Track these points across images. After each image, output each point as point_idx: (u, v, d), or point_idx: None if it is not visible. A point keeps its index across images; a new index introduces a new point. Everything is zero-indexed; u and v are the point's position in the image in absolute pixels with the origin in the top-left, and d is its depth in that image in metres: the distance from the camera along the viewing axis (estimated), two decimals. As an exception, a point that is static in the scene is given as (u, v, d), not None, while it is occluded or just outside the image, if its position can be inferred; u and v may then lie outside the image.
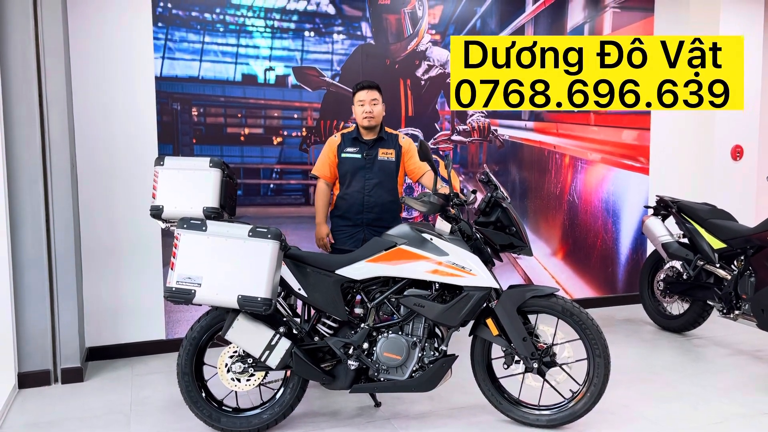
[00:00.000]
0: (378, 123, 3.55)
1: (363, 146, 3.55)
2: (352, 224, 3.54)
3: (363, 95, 3.50)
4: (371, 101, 3.49)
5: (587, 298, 5.23)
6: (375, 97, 3.50)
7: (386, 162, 3.55)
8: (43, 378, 3.55)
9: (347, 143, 3.57)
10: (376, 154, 3.54)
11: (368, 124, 3.50)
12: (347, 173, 3.55)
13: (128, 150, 4.00)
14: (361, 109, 3.50)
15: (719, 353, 4.06)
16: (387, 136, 3.61)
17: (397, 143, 3.60)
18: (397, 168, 3.59)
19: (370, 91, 3.50)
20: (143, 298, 4.08)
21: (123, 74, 3.96)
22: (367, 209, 3.52)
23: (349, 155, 3.55)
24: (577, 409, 2.86)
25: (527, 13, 4.93)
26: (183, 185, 2.83)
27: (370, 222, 3.52)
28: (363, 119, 3.50)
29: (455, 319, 2.78)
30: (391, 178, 3.57)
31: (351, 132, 3.61)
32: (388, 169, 3.56)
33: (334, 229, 3.63)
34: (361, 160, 3.53)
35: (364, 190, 3.52)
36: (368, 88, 3.51)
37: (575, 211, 5.18)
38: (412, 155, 3.61)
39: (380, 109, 3.54)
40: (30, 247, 3.49)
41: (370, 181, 3.52)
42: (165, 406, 3.23)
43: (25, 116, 3.45)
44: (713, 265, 4.08)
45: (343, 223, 3.57)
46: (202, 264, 2.64)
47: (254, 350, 2.78)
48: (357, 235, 3.53)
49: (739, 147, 5.41)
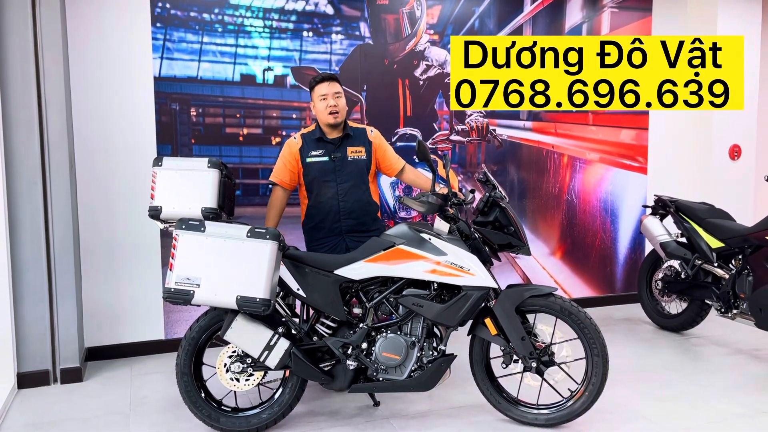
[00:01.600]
0: (343, 119, 3.22)
1: (329, 146, 3.22)
2: (330, 234, 3.26)
3: (324, 88, 3.16)
4: (334, 94, 3.15)
5: (586, 298, 5.24)
6: (338, 90, 3.17)
7: (357, 161, 3.24)
8: (43, 378, 3.55)
9: (310, 146, 3.22)
10: (344, 154, 3.22)
11: (334, 120, 3.16)
12: (314, 180, 3.22)
13: (127, 150, 4.00)
14: (324, 104, 3.15)
15: (717, 352, 4.07)
16: (354, 132, 3.28)
17: (366, 138, 3.29)
18: (369, 166, 3.28)
19: (331, 84, 3.16)
20: (142, 299, 4.09)
21: (121, 75, 3.97)
22: (344, 216, 3.24)
23: (315, 159, 3.21)
24: (575, 408, 2.86)
25: (525, 13, 4.93)
26: (181, 186, 2.82)
27: (350, 229, 3.25)
28: (328, 115, 3.15)
29: (454, 319, 2.78)
30: (363, 178, 3.27)
31: (312, 132, 3.27)
32: (360, 169, 3.25)
33: (310, 243, 3.34)
34: (329, 163, 3.21)
35: (338, 196, 3.22)
36: (329, 80, 3.16)
37: (574, 210, 5.19)
38: (384, 150, 3.34)
39: (344, 103, 3.20)
40: (29, 248, 3.50)
41: (343, 185, 3.22)
42: (164, 406, 3.24)
43: (23, 117, 3.45)
44: (711, 265, 4.09)
45: (320, 236, 3.28)
46: (201, 265, 2.64)
47: (253, 350, 2.78)
48: (339, 245, 3.26)
49: (737, 147, 5.42)
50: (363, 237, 3.19)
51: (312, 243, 3.35)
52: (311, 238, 3.35)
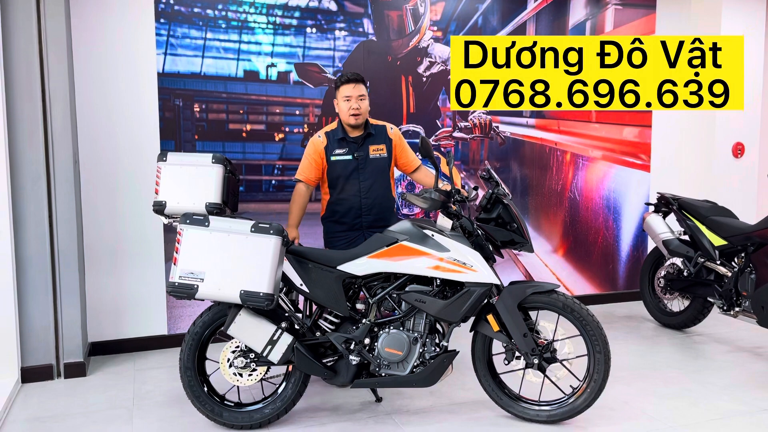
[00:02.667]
0: (365, 120, 3.31)
1: (352, 145, 3.32)
2: (351, 229, 3.36)
3: (349, 90, 3.23)
4: (358, 97, 3.23)
5: (588, 295, 5.24)
6: (362, 93, 3.25)
7: (379, 159, 3.35)
8: (46, 373, 3.57)
9: (334, 144, 3.31)
10: (367, 152, 3.32)
11: (355, 122, 3.25)
12: (339, 177, 3.32)
13: (130, 146, 4.01)
14: (347, 105, 3.24)
15: (719, 350, 4.07)
16: (375, 130, 3.37)
17: (387, 136, 3.39)
18: (389, 163, 3.40)
19: (357, 86, 3.24)
20: (145, 294, 4.10)
21: (125, 70, 3.97)
22: (365, 212, 3.35)
23: (340, 158, 3.30)
24: (577, 404, 2.87)
25: (529, 10, 4.93)
26: (185, 181, 2.83)
27: (370, 224, 3.35)
28: (349, 117, 3.24)
29: (456, 315, 2.79)
30: (385, 175, 3.38)
31: (335, 131, 3.35)
32: (382, 167, 3.36)
33: (329, 235, 3.43)
34: (352, 161, 3.30)
35: (360, 193, 3.32)
36: (354, 82, 3.24)
37: (576, 208, 5.19)
38: (403, 147, 3.44)
39: (367, 105, 3.28)
40: (33, 243, 3.51)
41: (365, 182, 3.32)
42: (167, 401, 3.25)
43: (28, 112, 3.46)
44: (714, 262, 4.09)
45: (339, 229, 3.38)
46: (205, 259, 2.65)
47: (256, 345, 2.79)
48: (357, 240, 3.33)
49: (741, 144, 5.41)
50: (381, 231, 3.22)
51: (331, 236, 3.42)
52: (331, 231, 3.42)
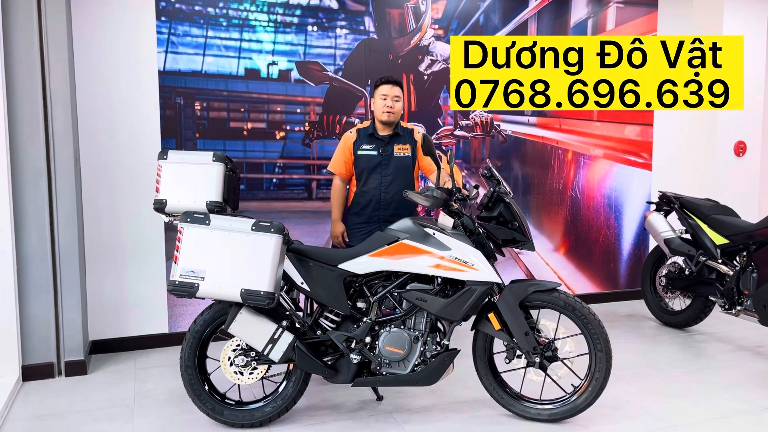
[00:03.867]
0: (396, 119, 3.52)
1: (379, 143, 3.52)
2: (368, 221, 3.53)
3: (386, 89, 3.46)
4: (394, 97, 3.45)
5: (589, 294, 5.24)
6: (397, 94, 3.47)
7: (402, 158, 3.53)
8: (47, 371, 3.57)
9: (363, 140, 3.54)
10: (392, 150, 3.52)
11: (387, 119, 3.46)
12: (364, 170, 3.53)
13: (131, 144, 4.01)
14: (383, 103, 3.46)
15: (721, 349, 4.07)
16: (403, 132, 3.58)
17: (413, 138, 3.58)
18: (413, 163, 3.57)
19: (394, 87, 3.47)
20: (146, 292, 4.10)
21: (126, 68, 3.97)
22: (384, 206, 3.51)
23: (365, 152, 3.52)
24: (578, 403, 2.86)
25: (530, 8, 4.92)
26: (186, 179, 2.83)
27: (387, 218, 3.47)
28: (382, 113, 3.46)
29: (457, 314, 2.79)
30: (407, 174, 3.55)
31: (367, 128, 3.58)
32: (404, 165, 3.54)
33: (349, 227, 3.61)
34: (377, 156, 3.51)
35: (381, 186, 3.50)
36: (392, 83, 3.47)
37: (578, 206, 5.18)
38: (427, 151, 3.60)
39: (400, 107, 3.50)
40: (34, 241, 3.51)
41: (387, 177, 3.51)
42: (168, 399, 3.25)
43: (29, 111, 3.46)
44: (715, 261, 4.08)
45: (358, 221, 3.56)
46: (206, 258, 2.65)
47: (257, 344, 2.79)
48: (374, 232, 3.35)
49: (742, 143, 5.40)
50: None
51: (351, 228, 3.60)
52: (352, 223, 3.60)
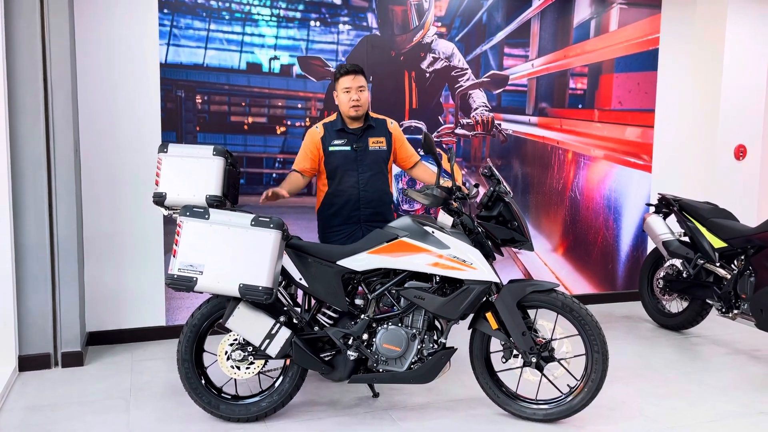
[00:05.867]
0: (365, 112, 3.28)
1: (351, 137, 3.29)
2: (348, 222, 3.32)
3: (348, 81, 3.20)
4: (358, 88, 3.20)
5: (587, 295, 5.24)
6: (362, 84, 3.22)
7: (378, 152, 3.32)
8: (44, 361, 3.57)
9: (332, 135, 3.29)
10: (366, 144, 3.30)
11: (355, 113, 3.23)
12: (337, 168, 3.28)
13: (132, 136, 4.00)
14: (347, 96, 3.21)
15: (717, 352, 4.07)
16: (375, 123, 3.34)
17: (387, 130, 3.37)
18: (389, 157, 3.37)
19: (356, 77, 3.21)
20: (144, 284, 4.10)
21: (128, 60, 3.96)
22: (364, 205, 3.31)
23: (338, 148, 3.27)
24: (574, 404, 2.87)
25: (534, 7, 4.91)
26: (186, 173, 2.82)
27: (368, 218, 3.33)
28: (349, 108, 3.22)
29: (455, 312, 2.79)
30: (383, 169, 3.35)
31: (334, 122, 3.33)
32: (381, 160, 3.33)
33: (325, 229, 3.39)
34: (351, 152, 3.28)
35: (359, 185, 3.29)
36: (354, 73, 3.21)
37: (577, 207, 5.18)
38: (402, 141, 3.42)
39: (366, 96, 3.25)
40: (32, 232, 3.51)
41: (364, 174, 3.29)
42: (164, 392, 3.25)
43: (29, 101, 3.45)
44: (713, 264, 4.09)
45: (336, 222, 3.34)
46: (204, 252, 2.65)
47: (254, 339, 2.79)
48: (355, 233, 3.32)
49: (743, 147, 5.40)
50: (379, 226, 3.20)
51: (327, 230, 3.38)
52: (327, 225, 3.37)
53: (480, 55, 4.80)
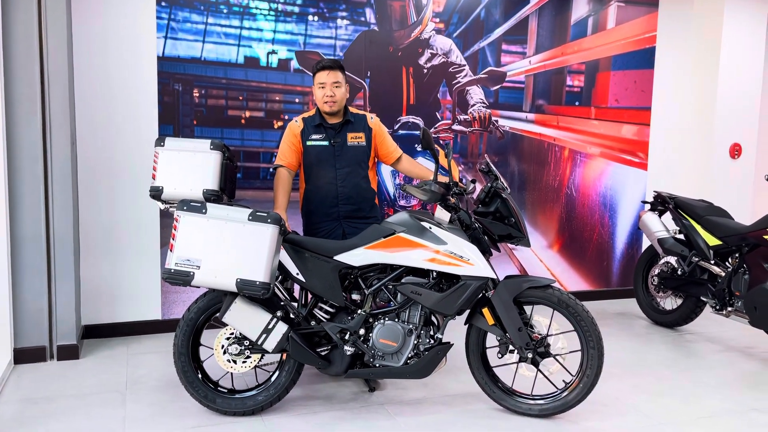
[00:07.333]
0: (340, 108, 3.23)
1: (329, 132, 3.24)
2: (327, 219, 3.27)
3: (323, 77, 3.15)
4: (333, 84, 3.15)
5: (581, 291, 5.26)
6: (337, 80, 3.16)
7: (356, 147, 3.26)
8: (39, 354, 3.56)
9: (310, 130, 3.25)
10: (344, 139, 3.24)
11: (329, 109, 3.19)
12: (314, 163, 3.25)
13: (129, 129, 3.99)
14: (321, 92, 3.17)
15: (711, 349, 4.10)
16: (354, 118, 3.29)
17: (366, 125, 3.31)
18: (368, 152, 3.31)
19: (331, 72, 3.15)
20: (140, 278, 4.09)
21: (125, 53, 3.94)
22: (342, 201, 3.24)
23: (315, 143, 3.23)
24: (569, 399, 2.88)
25: (531, 4, 4.91)
26: (183, 167, 2.82)
27: (348, 214, 3.27)
28: (324, 104, 3.18)
29: (452, 308, 2.80)
30: (363, 165, 3.29)
31: (313, 117, 3.28)
32: (360, 155, 3.27)
33: (308, 227, 3.35)
34: (328, 147, 3.23)
35: (336, 180, 3.23)
36: (329, 69, 3.15)
37: (573, 204, 5.20)
38: (383, 137, 3.36)
39: (343, 92, 3.20)
40: (29, 225, 3.49)
41: (342, 170, 3.23)
42: (160, 386, 3.25)
43: (26, 94, 3.44)
44: (708, 262, 4.11)
45: (317, 220, 3.29)
46: (201, 246, 2.64)
47: (251, 333, 2.79)
48: (336, 230, 3.27)
49: (738, 145, 5.42)
50: (360, 223, 3.25)
51: (310, 227, 3.34)
52: (309, 222, 3.35)
53: (478, 52, 4.80)
